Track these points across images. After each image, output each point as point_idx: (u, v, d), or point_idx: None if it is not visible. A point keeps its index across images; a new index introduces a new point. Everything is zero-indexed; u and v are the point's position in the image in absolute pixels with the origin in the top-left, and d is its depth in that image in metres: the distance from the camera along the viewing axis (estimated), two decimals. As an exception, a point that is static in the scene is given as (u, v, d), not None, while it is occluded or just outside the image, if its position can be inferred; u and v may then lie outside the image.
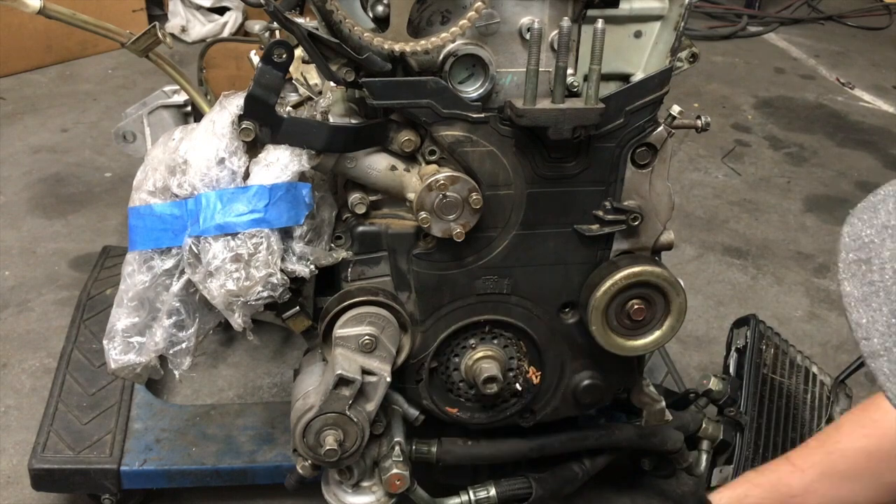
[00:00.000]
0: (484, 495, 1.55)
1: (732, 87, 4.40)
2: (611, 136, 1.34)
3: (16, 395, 2.12)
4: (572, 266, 1.44)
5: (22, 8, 1.68)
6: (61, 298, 2.47)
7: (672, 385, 1.99)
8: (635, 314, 1.42)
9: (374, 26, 1.25)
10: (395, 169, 1.34)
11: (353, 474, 1.44)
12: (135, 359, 1.37)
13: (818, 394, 1.85)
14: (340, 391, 1.32)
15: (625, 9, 1.29)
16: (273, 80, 1.26)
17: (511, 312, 1.46)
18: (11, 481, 1.88)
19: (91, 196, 3.03)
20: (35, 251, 2.70)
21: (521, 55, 1.29)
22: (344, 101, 1.37)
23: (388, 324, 1.37)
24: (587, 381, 1.53)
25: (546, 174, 1.36)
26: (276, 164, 1.27)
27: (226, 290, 1.27)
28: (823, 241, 3.05)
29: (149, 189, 1.32)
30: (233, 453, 1.76)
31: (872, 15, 5.61)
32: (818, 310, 2.65)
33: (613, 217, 1.39)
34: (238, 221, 1.26)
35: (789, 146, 3.79)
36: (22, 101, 3.79)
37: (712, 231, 3.05)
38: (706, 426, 1.71)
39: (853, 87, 4.49)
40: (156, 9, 4.66)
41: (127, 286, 1.35)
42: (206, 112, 1.51)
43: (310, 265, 1.33)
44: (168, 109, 2.06)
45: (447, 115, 1.28)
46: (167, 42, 1.84)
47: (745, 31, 5.24)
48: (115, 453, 1.71)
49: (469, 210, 1.31)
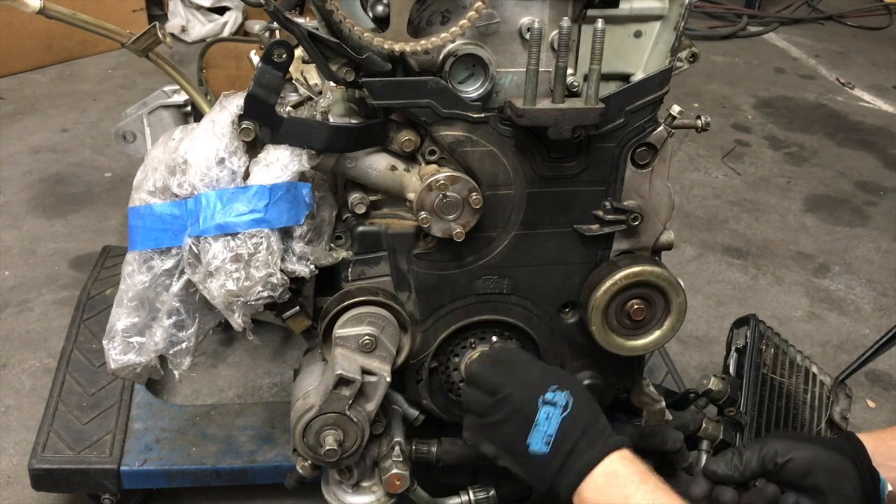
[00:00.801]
0: (484, 495, 1.55)
1: (732, 87, 4.40)
2: (611, 136, 1.34)
3: (16, 395, 2.12)
4: (572, 266, 1.44)
5: (22, 8, 1.68)
6: (61, 298, 2.47)
7: (672, 385, 1.99)
8: (635, 314, 1.42)
9: (374, 26, 1.25)
10: (395, 169, 1.34)
11: (353, 474, 1.44)
12: (135, 359, 1.37)
13: (818, 394, 1.85)
14: (340, 391, 1.32)
15: (625, 9, 1.29)
16: (273, 80, 1.26)
17: (511, 312, 1.46)
18: (11, 481, 1.88)
19: (91, 196, 3.03)
20: (35, 251, 2.70)
21: (521, 55, 1.29)
22: (344, 101, 1.37)
23: (388, 324, 1.37)
24: (587, 381, 1.53)
25: (546, 174, 1.36)
26: (276, 164, 1.27)
27: (226, 290, 1.27)
28: (823, 241, 3.05)
29: (149, 189, 1.32)
30: (233, 453, 1.76)
31: (872, 15, 5.61)
32: (818, 310, 2.65)
33: (613, 217, 1.39)
34: (238, 221, 1.26)
35: (789, 146, 3.79)
36: (22, 101, 3.80)
37: (712, 231, 3.06)
38: (706, 426, 1.71)
39: (853, 87, 4.49)
40: (156, 9, 4.66)
41: (127, 286, 1.34)
42: (206, 112, 1.51)
43: (310, 265, 1.33)
44: (168, 109, 2.06)
45: (447, 115, 1.28)
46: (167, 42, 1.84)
47: (745, 31, 5.24)
48: (115, 453, 1.71)
49: (469, 210, 1.31)
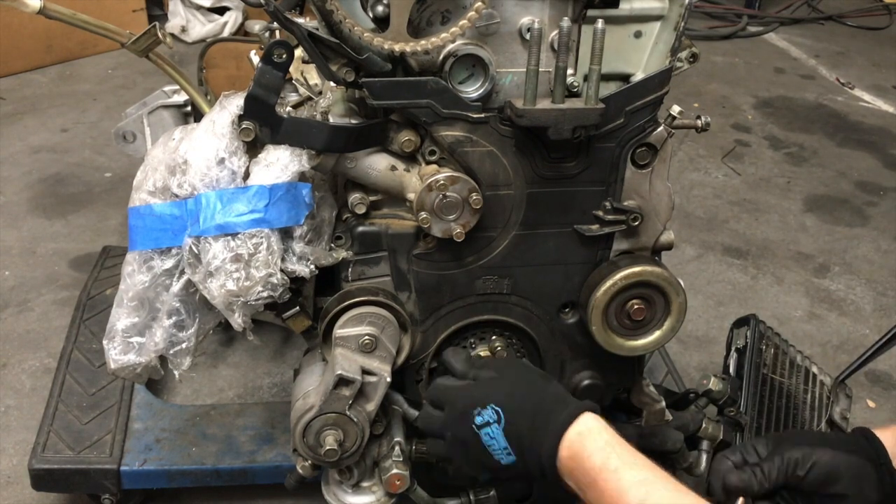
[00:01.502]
0: (484, 495, 1.55)
1: (732, 87, 4.40)
2: (611, 136, 1.34)
3: (16, 395, 2.12)
4: (572, 266, 1.44)
5: (22, 8, 1.68)
6: (61, 298, 2.47)
7: (672, 385, 1.99)
8: (635, 314, 1.42)
9: (374, 26, 1.25)
10: (395, 169, 1.34)
11: (353, 474, 1.44)
12: (135, 359, 1.37)
13: (818, 394, 1.85)
14: (340, 391, 1.32)
15: (625, 9, 1.29)
16: (273, 80, 1.26)
17: (511, 312, 1.46)
18: (11, 481, 1.88)
19: (91, 196, 3.03)
20: (35, 251, 2.70)
21: (521, 55, 1.29)
22: (344, 101, 1.37)
23: (388, 324, 1.37)
24: (587, 381, 1.53)
25: (546, 174, 1.36)
26: (276, 164, 1.27)
27: (226, 290, 1.27)
28: (823, 241, 3.05)
29: (149, 189, 1.32)
30: (233, 453, 1.76)
31: (872, 15, 5.61)
32: (818, 310, 2.65)
33: (613, 217, 1.39)
34: (238, 221, 1.26)
35: (789, 146, 3.79)
36: (22, 101, 3.79)
37: (712, 231, 3.05)
38: (706, 426, 1.71)
39: (853, 87, 4.49)
40: (156, 9, 4.66)
41: (127, 286, 1.34)
42: (206, 112, 1.51)
43: (310, 265, 1.33)
44: (168, 109, 2.06)
45: (447, 115, 1.28)
46: (167, 42, 1.84)
47: (745, 31, 5.24)
48: (115, 453, 1.71)
49: (469, 210, 1.31)
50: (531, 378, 1.26)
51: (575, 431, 1.14)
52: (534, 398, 1.21)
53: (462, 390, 1.27)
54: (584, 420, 1.15)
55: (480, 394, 1.24)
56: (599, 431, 1.14)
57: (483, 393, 1.24)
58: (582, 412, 1.16)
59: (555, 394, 1.22)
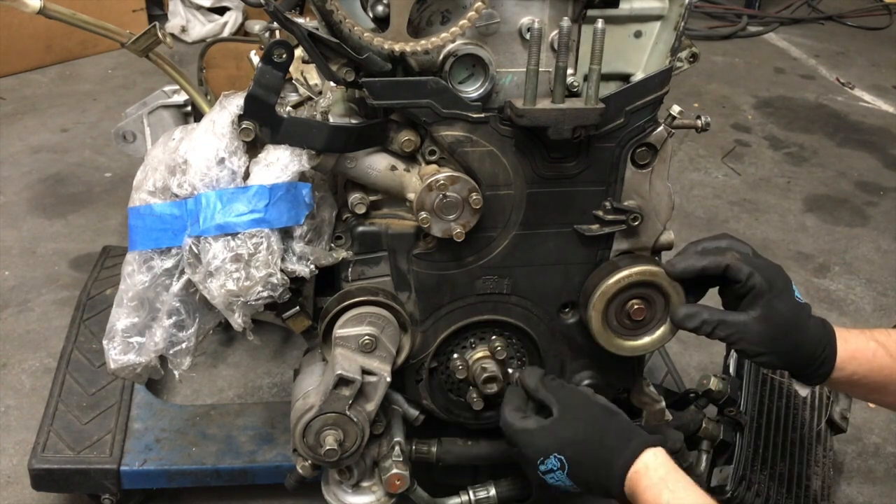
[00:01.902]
0: (484, 495, 1.55)
1: (732, 87, 4.40)
2: (611, 136, 1.34)
3: (16, 395, 2.12)
4: (572, 266, 1.44)
5: (22, 8, 1.69)
6: (61, 298, 2.47)
7: (672, 385, 1.99)
8: (635, 314, 1.42)
9: (374, 26, 1.25)
10: (395, 169, 1.34)
11: (353, 474, 1.44)
12: (135, 359, 1.37)
13: (818, 394, 1.85)
14: (340, 391, 1.32)
15: (625, 9, 1.29)
16: (273, 80, 1.26)
17: (511, 312, 1.46)
18: (11, 481, 1.88)
19: (91, 196, 3.03)
20: (35, 251, 2.70)
21: (521, 55, 1.29)
22: (344, 101, 1.37)
23: (388, 324, 1.37)
24: (587, 381, 1.53)
25: (546, 174, 1.36)
26: (276, 164, 1.27)
27: (226, 290, 1.27)
28: (823, 241, 3.05)
29: (149, 189, 1.32)
30: (233, 453, 1.76)
31: (872, 15, 5.61)
32: (818, 310, 2.64)
33: (613, 217, 1.39)
34: (238, 221, 1.26)
35: (789, 146, 3.79)
36: (22, 101, 3.80)
37: (712, 231, 3.05)
38: (706, 426, 1.71)
39: (853, 87, 4.49)
40: (156, 9, 4.66)
41: (127, 286, 1.34)
42: (206, 112, 1.51)
43: (310, 265, 1.33)
44: (168, 109, 2.06)
45: (447, 115, 1.28)
46: (167, 42, 1.84)
47: (745, 31, 5.24)
48: (115, 453, 1.71)
49: (469, 210, 1.31)
50: (592, 415, 1.30)
51: (633, 470, 1.21)
52: (595, 439, 1.26)
53: (526, 435, 1.31)
54: (644, 457, 1.21)
55: (543, 443, 1.28)
56: (656, 469, 1.20)
57: (545, 442, 1.28)
58: (643, 450, 1.22)
59: (617, 430, 1.27)
